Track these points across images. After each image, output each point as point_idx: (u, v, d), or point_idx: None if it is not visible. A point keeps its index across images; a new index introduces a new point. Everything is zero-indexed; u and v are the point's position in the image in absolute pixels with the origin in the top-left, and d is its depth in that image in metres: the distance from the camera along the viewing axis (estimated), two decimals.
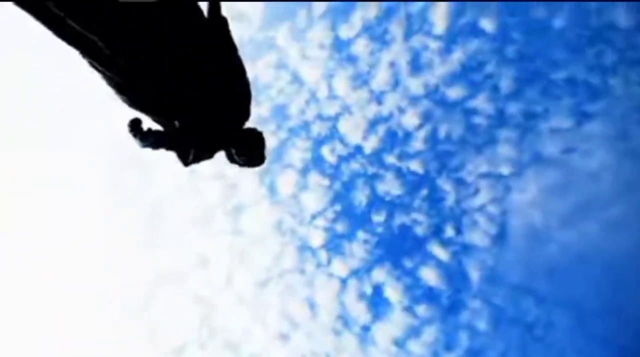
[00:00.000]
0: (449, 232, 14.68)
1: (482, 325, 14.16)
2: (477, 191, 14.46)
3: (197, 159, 2.81)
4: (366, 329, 14.86)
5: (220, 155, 3.10)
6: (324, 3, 14.95)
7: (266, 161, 3.00)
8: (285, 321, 15.71)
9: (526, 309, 13.92)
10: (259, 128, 3.09)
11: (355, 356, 14.88)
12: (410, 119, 15.05)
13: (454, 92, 14.64)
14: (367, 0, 14.54)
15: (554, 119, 13.69)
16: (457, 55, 14.30)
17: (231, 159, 2.96)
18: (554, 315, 13.68)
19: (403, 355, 14.50)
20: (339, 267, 15.33)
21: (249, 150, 2.87)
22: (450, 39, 14.33)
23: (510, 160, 14.26)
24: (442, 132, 14.79)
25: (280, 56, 15.79)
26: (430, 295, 14.63)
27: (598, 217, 13.38)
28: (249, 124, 2.97)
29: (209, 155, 2.89)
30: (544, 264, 14.07)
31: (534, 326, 13.81)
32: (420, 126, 14.90)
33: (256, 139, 2.90)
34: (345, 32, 15.04)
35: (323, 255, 15.53)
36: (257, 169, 3.17)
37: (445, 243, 14.70)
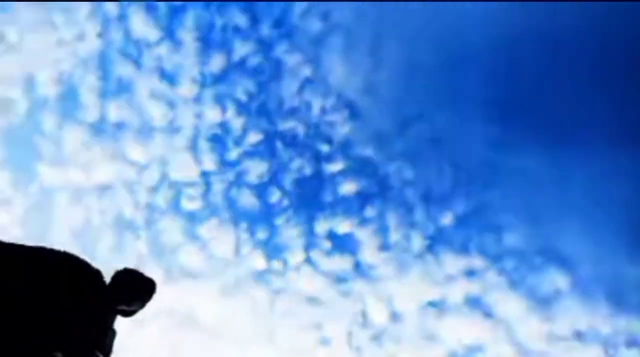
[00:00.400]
0: (324, 148, 15.55)
1: (409, 174, 15.62)
2: (308, 104, 15.39)
3: (108, 348, 2.50)
4: (357, 265, 15.55)
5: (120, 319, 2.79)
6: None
7: (154, 281, 2.77)
8: (311, 331, 15.62)
9: (415, 134, 15.68)
10: (120, 265, 2.82)
11: (375, 291, 15.57)
12: (212, 115, 15.11)
13: (214, 65, 14.91)
14: None
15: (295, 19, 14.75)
16: (186, 36, 14.52)
17: (128, 313, 2.68)
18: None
19: (399, 250, 15.52)
20: (295, 259, 15.45)
21: (133, 292, 2.62)
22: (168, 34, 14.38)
23: (303, 63, 15.23)
24: (242, 97, 15.10)
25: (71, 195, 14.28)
26: (363, 197, 15.67)
27: (388, 41, 15.09)
28: (107, 275, 2.69)
29: (112, 335, 2.58)
30: (389, 108, 15.79)
31: (423, 145, 15.70)
32: (223, 111, 15.05)
33: (129, 278, 2.64)
34: (113, 113, 14.32)
35: (277, 266, 15.46)
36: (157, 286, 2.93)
37: (331, 157, 15.61)
